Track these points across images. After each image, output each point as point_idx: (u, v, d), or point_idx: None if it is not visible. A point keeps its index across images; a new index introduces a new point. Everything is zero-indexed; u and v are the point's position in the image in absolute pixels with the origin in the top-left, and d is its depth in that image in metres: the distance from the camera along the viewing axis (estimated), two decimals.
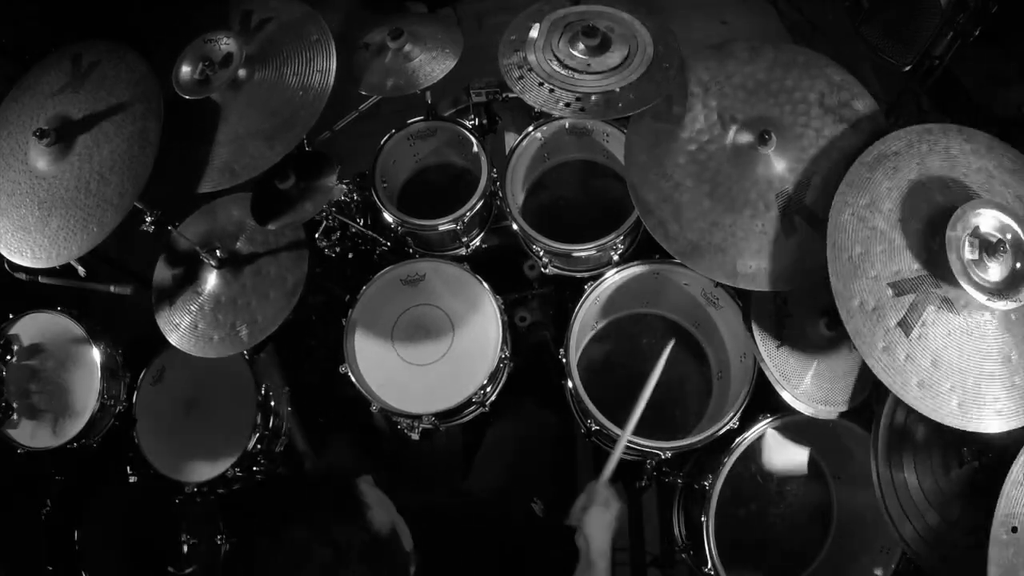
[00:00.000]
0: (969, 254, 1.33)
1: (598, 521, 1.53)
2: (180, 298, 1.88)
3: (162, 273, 1.94)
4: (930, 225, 1.39)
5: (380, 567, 1.12)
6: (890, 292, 1.36)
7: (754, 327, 1.71)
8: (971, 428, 1.31)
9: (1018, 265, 1.34)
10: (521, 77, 1.69)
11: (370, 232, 2.23)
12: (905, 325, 1.34)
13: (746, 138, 1.64)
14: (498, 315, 2.00)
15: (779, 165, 1.61)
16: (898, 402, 1.51)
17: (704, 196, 1.64)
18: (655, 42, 1.71)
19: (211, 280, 1.87)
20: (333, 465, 1.31)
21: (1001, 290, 1.32)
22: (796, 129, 1.63)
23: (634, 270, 1.99)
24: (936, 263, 1.36)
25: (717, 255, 1.61)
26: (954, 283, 1.32)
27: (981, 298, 1.30)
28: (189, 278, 1.90)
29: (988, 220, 1.35)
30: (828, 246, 1.41)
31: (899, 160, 1.46)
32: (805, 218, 1.58)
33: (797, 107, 1.66)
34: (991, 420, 1.32)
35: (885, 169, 1.45)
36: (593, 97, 1.64)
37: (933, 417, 1.31)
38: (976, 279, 1.31)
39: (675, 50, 1.71)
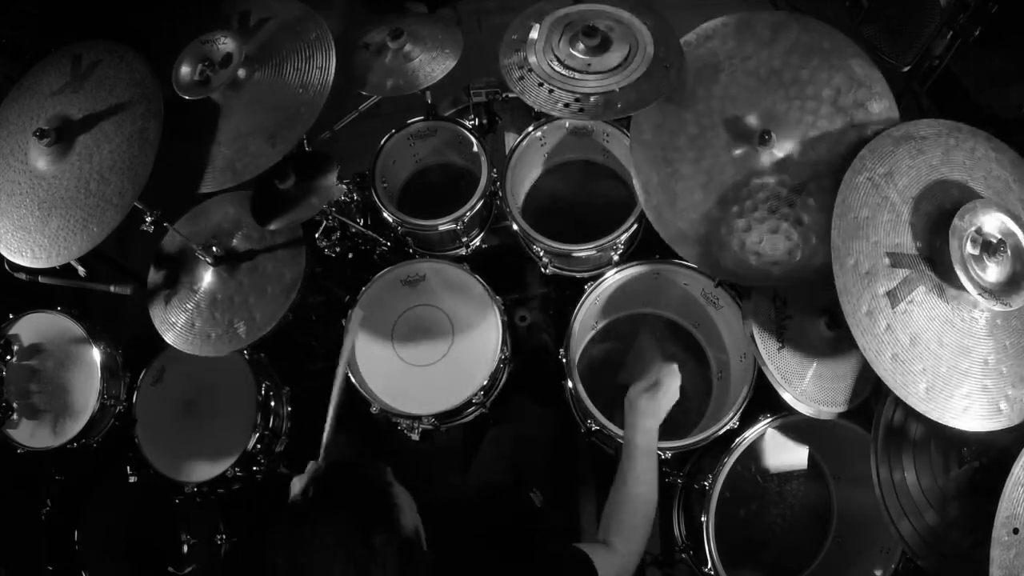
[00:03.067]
0: (971, 248, 1.34)
1: (638, 401, 1.52)
2: (176, 296, 1.88)
3: (157, 270, 1.94)
4: (940, 213, 1.39)
5: (408, 569, 1.11)
6: (887, 261, 1.37)
7: (754, 329, 1.71)
8: (934, 416, 1.32)
9: (1018, 266, 1.35)
10: (521, 77, 1.69)
11: (370, 232, 2.23)
12: (893, 297, 1.35)
13: (747, 136, 1.64)
14: (498, 316, 2.00)
15: (779, 164, 1.61)
16: (898, 402, 1.51)
17: (698, 187, 1.64)
18: (656, 42, 1.71)
19: (207, 277, 1.87)
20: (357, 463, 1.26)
21: (994, 291, 1.33)
22: (802, 127, 1.61)
23: (634, 270, 1.99)
24: (936, 248, 1.37)
25: (704, 246, 1.62)
26: (950, 271, 1.32)
27: (972, 291, 1.31)
28: (185, 275, 1.90)
29: (994, 222, 1.36)
30: (836, 203, 1.42)
31: (925, 144, 1.47)
32: (792, 223, 1.58)
33: (807, 103, 1.63)
34: (955, 415, 1.32)
35: (910, 148, 1.46)
36: (592, 98, 1.64)
37: (898, 393, 1.32)
38: (972, 273, 1.32)
39: (677, 50, 1.71)
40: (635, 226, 2.00)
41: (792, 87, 1.65)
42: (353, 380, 1.93)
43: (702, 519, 1.74)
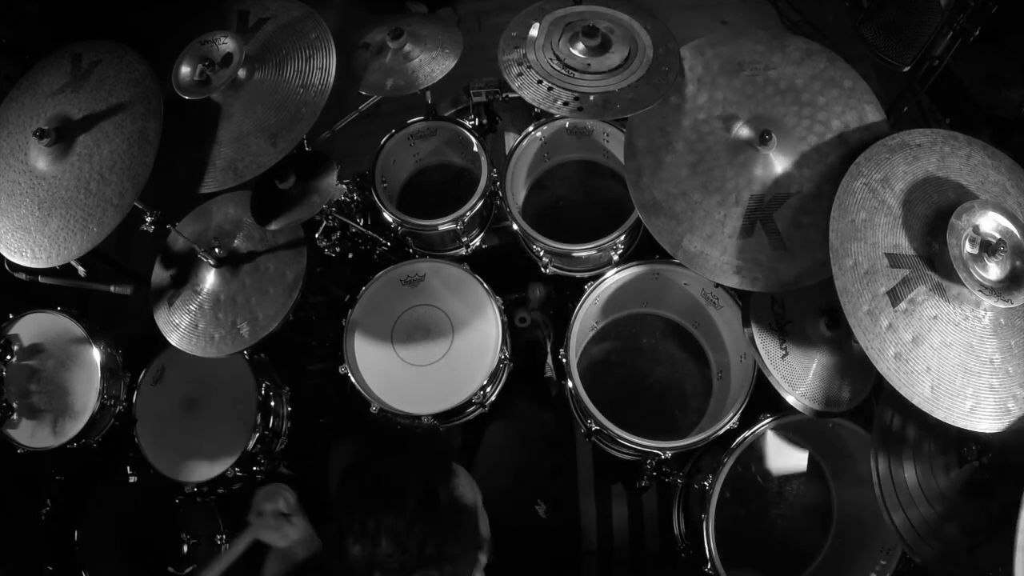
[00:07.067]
0: (969, 248, 1.34)
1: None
2: (179, 298, 1.89)
3: (160, 273, 1.94)
4: (937, 215, 1.40)
5: (457, 528, 1.15)
6: (886, 262, 1.37)
7: (755, 335, 1.70)
8: (940, 416, 1.31)
9: (1018, 263, 1.35)
10: (520, 74, 1.69)
11: (370, 232, 2.23)
12: (894, 296, 1.35)
13: (748, 134, 1.64)
14: (498, 316, 2.00)
15: (769, 170, 1.61)
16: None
17: (686, 165, 1.65)
18: (655, 45, 1.71)
19: (210, 279, 1.87)
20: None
21: (995, 288, 1.33)
22: (803, 146, 1.62)
23: (634, 270, 1.99)
24: (935, 249, 1.37)
25: (670, 221, 1.63)
26: (950, 271, 1.32)
27: (972, 289, 1.31)
28: (188, 277, 1.90)
29: (991, 221, 1.36)
30: (834, 207, 1.43)
31: (920, 151, 1.48)
32: (766, 229, 1.58)
33: (815, 126, 1.63)
34: (961, 415, 1.31)
35: (905, 155, 1.47)
36: (591, 97, 1.64)
37: (903, 393, 1.31)
38: (972, 272, 1.32)
39: (675, 53, 1.71)
40: (634, 226, 2.01)
41: (806, 108, 1.65)
42: (353, 380, 1.93)
43: (702, 519, 1.74)
